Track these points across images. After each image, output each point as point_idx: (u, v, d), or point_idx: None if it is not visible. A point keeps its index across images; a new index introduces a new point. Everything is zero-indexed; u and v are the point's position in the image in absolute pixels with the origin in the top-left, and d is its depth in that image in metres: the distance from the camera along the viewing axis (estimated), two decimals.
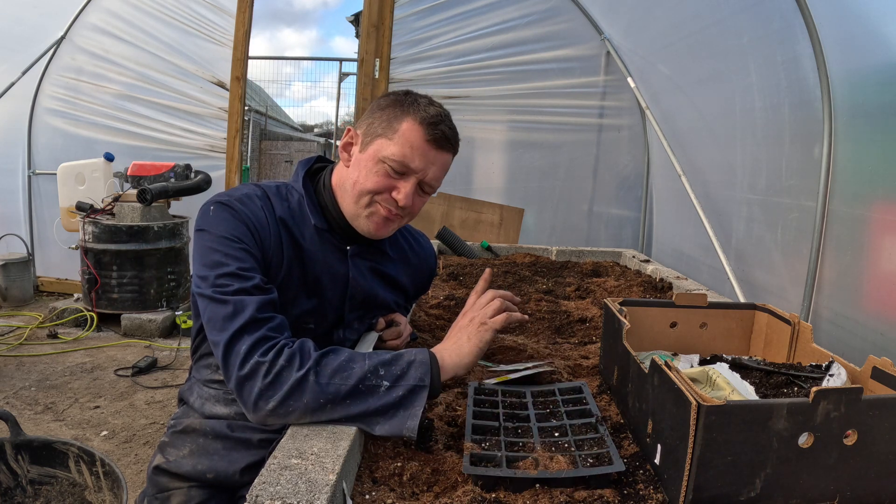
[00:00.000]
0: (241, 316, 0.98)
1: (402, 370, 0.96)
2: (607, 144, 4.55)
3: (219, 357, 0.99)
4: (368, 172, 1.12)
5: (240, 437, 1.21)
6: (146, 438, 2.79)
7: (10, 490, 1.67)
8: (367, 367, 0.95)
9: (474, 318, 1.08)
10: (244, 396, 0.96)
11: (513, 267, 2.52)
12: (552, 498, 0.81)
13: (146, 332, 4.14)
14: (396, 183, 1.12)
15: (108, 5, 4.75)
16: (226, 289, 1.02)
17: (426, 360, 0.98)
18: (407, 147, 1.10)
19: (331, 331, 1.26)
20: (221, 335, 0.98)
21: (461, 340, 1.06)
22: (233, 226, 1.08)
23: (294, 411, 0.92)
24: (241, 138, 4.62)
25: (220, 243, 1.06)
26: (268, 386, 0.93)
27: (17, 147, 5.01)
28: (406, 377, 0.95)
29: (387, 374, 0.95)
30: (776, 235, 2.68)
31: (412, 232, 1.45)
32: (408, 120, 1.10)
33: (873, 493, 0.80)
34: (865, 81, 2.11)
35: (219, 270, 1.03)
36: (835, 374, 1.01)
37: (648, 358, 0.95)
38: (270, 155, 11.94)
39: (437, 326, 1.68)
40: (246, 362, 0.95)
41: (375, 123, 1.13)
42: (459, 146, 1.20)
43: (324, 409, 0.92)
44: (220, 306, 1.00)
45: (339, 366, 0.95)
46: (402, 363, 0.97)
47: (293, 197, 1.21)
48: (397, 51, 4.32)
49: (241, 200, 1.12)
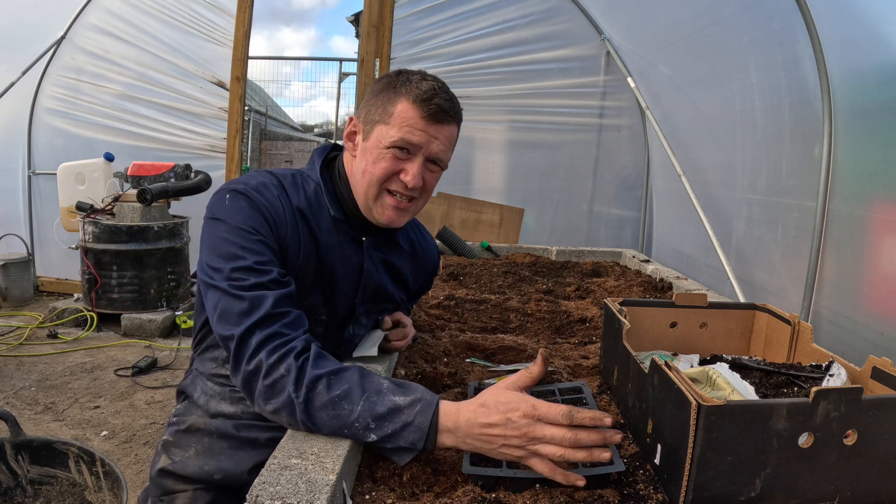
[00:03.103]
0: (257, 311, 0.97)
1: (394, 430, 0.87)
2: (607, 144, 4.55)
3: (230, 350, 0.98)
4: (375, 160, 1.09)
5: (246, 436, 1.19)
6: (146, 438, 2.79)
7: (10, 490, 1.67)
8: (357, 413, 0.88)
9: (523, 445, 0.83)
10: (249, 391, 0.97)
11: (513, 267, 2.52)
12: (552, 498, 0.81)
13: (146, 332, 4.14)
14: (404, 165, 1.09)
15: (108, 5, 4.75)
16: (242, 283, 0.99)
17: (424, 427, 0.87)
18: (405, 127, 1.07)
19: (342, 326, 1.24)
20: (234, 329, 0.97)
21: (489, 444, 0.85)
22: (249, 216, 1.05)
23: (288, 425, 0.95)
24: (241, 138, 4.61)
25: (236, 234, 1.03)
26: (266, 389, 0.94)
27: (17, 147, 5.01)
28: (397, 437, 0.87)
29: (376, 429, 0.88)
30: (776, 235, 2.68)
31: (420, 227, 1.43)
32: (402, 101, 1.07)
33: (873, 493, 0.80)
34: (865, 81, 2.11)
35: (235, 264, 1.01)
36: (835, 374, 1.01)
37: (648, 358, 0.95)
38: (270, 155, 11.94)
39: (436, 326, 1.68)
40: (253, 358, 0.95)
41: (373, 110, 1.11)
42: (461, 122, 1.14)
43: (311, 432, 0.92)
44: (236, 301, 0.98)
45: (331, 402, 0.90)
46: (397, 422, 0.87)
47: (309, 186, 1.17)
48: (397, 51, 4.32)
49: (258, 189, 1.08)
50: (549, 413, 0.83)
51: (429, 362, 1.36)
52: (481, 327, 1.73)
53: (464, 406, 0.88)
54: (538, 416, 0.83)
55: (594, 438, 0.82)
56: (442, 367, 1.31)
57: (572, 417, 0.83)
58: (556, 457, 0.82)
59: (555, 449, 0.82)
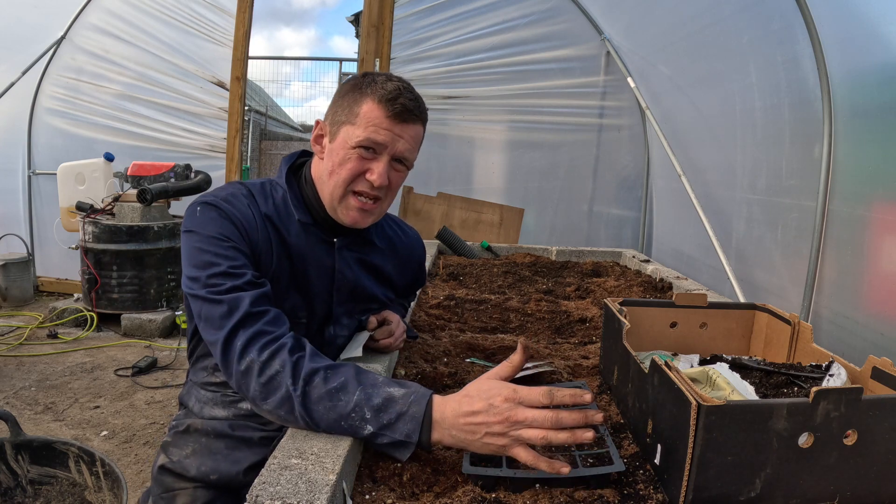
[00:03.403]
0: (236, 313, 0.99)
1: (390, 420, 0.89)
2: (607, 144, 4.55)
3: (217, 355, 1.00)
4: (342, 161, 1.12)
5: (241, 435, 1.22)
6: (146, 438, 2.79)
7: (10, 490, 1.67)
8: (353, 403, 0.90)
9: (504, 431, 0.85)
10: (245, 392, 0.98)
11: (513, 267, 2.52)
12: (552, 498, 0.81)
13: (146, 332, 4.14)
14: (369, 164, 1.11)
15: (108, 5, 4.74)
16: (218, 288, 1.02)
17: (419, 416, 0.88)
18: (371, 127, 1.09)
19: (322, 327, 1.26)
20: (219, 333, 0.99)
21: (473, 434, 0.86)
22: (220, 225, 1.08)
23: (286, 422, 0.95)
24: (241, 138, 4.61)
25: (209, 243, 1.06)
26: (262, 387, 0.95)
27: (17, 147, 5.01)
28: (393, 429, 0.89)
29: (372, 419, 0.89)
30: (776, 235, 2.68)
31: (398, 223, 1.44)
32: (367, 101, 1.09)
33: (873, 493, 0.80)
34: (865, 81, 2.11)
35: (210, 270, 1.04)
36: (835, 374, 1.01)
37: (648, 358, 0.95)
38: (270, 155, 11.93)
39: (436, 326, 1.68)
40: (243, 358, 0.97)
41: (339, 112, 1.13)
42: (428, 117, 1.17)
43: (309, 428, 0.93)
44: (215, 306, 1.01)
45: (328, 393, 0.92)
46: (392, 412, 0.89)
47: (277, 193, 1.20)
48: (397, 51, 4.32)
49: (227, 199, 1.12)
50: (530, 395, 0.85)
51: (429, 362, 1.36)
52: (481, 327, 1.73)
53: (450, 397, 0.91)
54: (519, 398, 0.85)
55: (575, 418, 0.83)
56: (442, 367, 1.32)
57: (553, 396, 0.85)
58: (539, 440, 0.83)
59: (536, 432, 0.83)
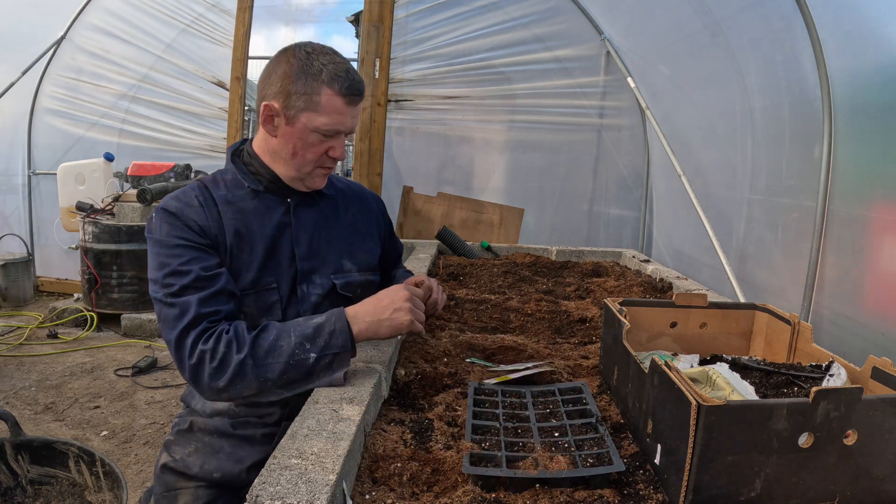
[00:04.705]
0: (187, 314, 1.10)
1: (325, 341, 1.08)
2: (607, 144, 4.55)
3: (172, 352, 1.11)
4: (306, 144, 1.22)
5: (243, 434, 1.25)
6: (146, 438, 2.79)
7: (10, 490, 1.67)
8: (293, 343, 1.08)
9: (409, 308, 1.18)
10: (198, 381, 1.08)
11: (513, 267, 2.52)
12: (552, 498, 0.81)
13: (146, 332, 4.14)
14: (331, 143, 1.25)
15: (108, 5, 4.75)
16: (171, 289, 1.12)
17: (345, 329, 1.11)
18: (335, 115, 1.20)
19: (294, 285, 1.29)
20: (172, 333, 1.10)
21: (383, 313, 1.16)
22: (173, 226, 1.17)
23: (242, 389, 1.07)
24: (240, 138, 4.61)
25: (162, 246, 1.16)
26: (216, 369, 1.06)
27: (17, 147, 5.01)
28: (329, 346, 1.08)
29: (312, 347, 1.08)
30: (776, 235, 2.68)
31: (343, 178, 1.56)
32: (325, 90, 1.19)
33: (873, 493, 0.80)
34: (865, 81, 2.11)
35: (163, 271, 1.13)
36: (835, 374, 1.01)
37: (648, 358, 0.95)
38: None
39: (436, 326, 1.68)
40: (193, 352, 1.08)
41: (294, 98, 1.19)
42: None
43: (265, 385, 1.07)
44: (169, 308, 1.11)
45: (270, 346, 1.08)
46: (324, 334, 1.09)
47: (227, 176, 1.30)
48: (397, 51, 4.32)
49: (177, 198, 1.22)
50: (417, 290, 1.25)
51: (429, 362, 1.36)
52: (481, 327, 1.73)
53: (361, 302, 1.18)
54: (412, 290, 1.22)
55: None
56: (442, 367, 1.31)
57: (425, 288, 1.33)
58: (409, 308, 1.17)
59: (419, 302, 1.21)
